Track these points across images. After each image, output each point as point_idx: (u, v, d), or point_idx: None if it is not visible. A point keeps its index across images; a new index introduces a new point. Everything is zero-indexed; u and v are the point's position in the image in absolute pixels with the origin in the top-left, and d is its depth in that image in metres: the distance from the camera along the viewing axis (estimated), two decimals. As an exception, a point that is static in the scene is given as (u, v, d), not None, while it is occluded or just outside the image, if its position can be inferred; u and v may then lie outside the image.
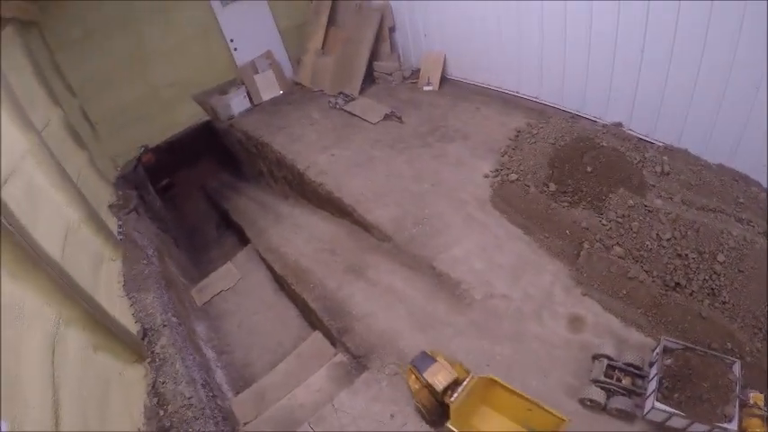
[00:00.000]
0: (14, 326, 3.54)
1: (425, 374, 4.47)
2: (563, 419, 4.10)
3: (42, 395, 3.35)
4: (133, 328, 5.41)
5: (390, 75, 10.78)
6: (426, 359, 4.60)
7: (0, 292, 3.36)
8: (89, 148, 8.90)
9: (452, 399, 4.32)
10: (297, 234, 8.14)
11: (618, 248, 5.41)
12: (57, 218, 5.54)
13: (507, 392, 4.42)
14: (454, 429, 4.23)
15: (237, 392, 6.29)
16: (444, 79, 10.01)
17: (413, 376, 4.67)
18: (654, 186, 5.93)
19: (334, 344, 6.15)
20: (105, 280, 5.85)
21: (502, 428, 4.50)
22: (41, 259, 4.13)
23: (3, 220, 3.79)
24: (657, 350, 4.39)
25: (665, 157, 6.24)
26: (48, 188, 5.76)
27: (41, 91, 7.81)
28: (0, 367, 2.92)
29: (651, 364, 4.44)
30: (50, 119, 7.45)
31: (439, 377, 4.42)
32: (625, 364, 4.51)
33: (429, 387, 4.49)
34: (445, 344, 5.13)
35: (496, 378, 4.46)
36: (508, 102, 8.55)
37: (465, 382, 4.42)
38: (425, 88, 10.00)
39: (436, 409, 4.56)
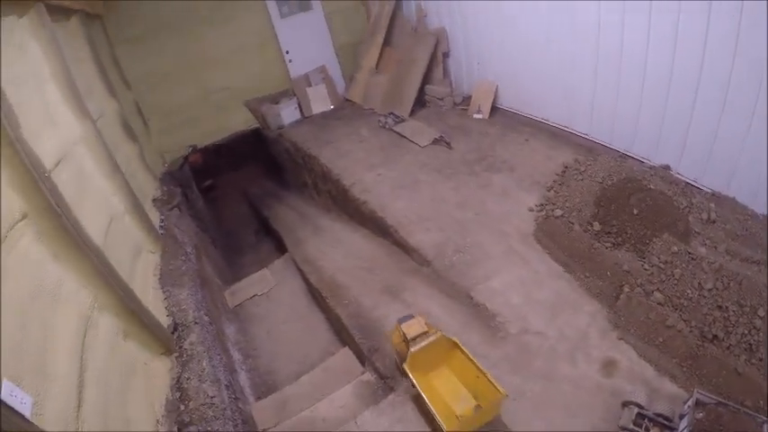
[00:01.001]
0: (51, 304, 3.61)
1: (403, 326, 5.12)
2: (501, 393, 4.41)
3: (69, 375, 3.40)
4: (164, 321, 5.48)
5: (441, 99, 10.81)
6: (410, 317, 5.24)
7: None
8: (140, 141, 9.09)
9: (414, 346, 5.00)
10: (336, 249, 8.18)
11: (658, 294, 5.31)
12: (102, 205, 5.68)
13: (463, 356, 4.87)
14: (408, 372, 4.80)
15: (259, 398, 6.30)
16: (494, 108, 9.99)
17: (397, 332, 5.21)
18: (699, 234, 5.83)
19: (362, 362, 6.13)
20: (142, 271, 5.95)
21: (450, 386, 5.00)
22: (84, 243, 4.22)
23: (52, 202, 3.89)
24: (689, 403, 4.27)
25: (712, 204, 6.14)
26: (97, 176, 5.92)
27: (99, 82, 8.06)
28: None
29: (681, 417, 4.31)
30: (106, 109, 7.69)
31: (411, 327, 5.07)
32: (655, 413, 4.39)
33: (405, 338, 4.98)
34: (476, 374, 5.09)
35: (457, 341, 4.96)
36: (557, 136, 8.49)
37: (429, 334, 5.04)
38: (475, 116, 9.99)
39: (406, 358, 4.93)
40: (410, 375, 4.79)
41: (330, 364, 6.40)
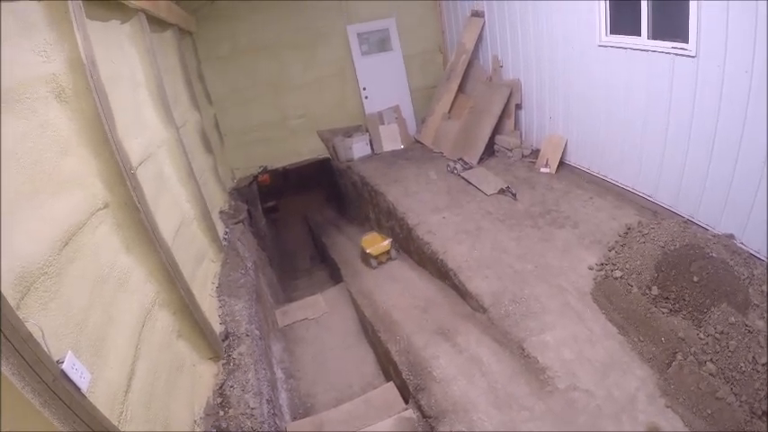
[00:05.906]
0: (116, 291, 3.79)
1: (364, 237, 9.51)
2: (388, 239, 9.20)
3: (123, 360, 3.54)
4: (217, 328, 5.66)
5: (510, 150, 10.85)
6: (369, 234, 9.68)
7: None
8: (214, 154, 9.49)
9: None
10: (392, 285, 8.25)
11: (711, 365, 5.16)
12: (175, 208, 5.97)
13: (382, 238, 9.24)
14: (363, 245, 9.27)
15: (295, 418, 6.33)
16: (562, 163, 9.97)
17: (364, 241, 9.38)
18: (758, 306, 5.63)
19: (405, 399, 6.10)
20: (202, 277, 6.18)
21: None
22: (156, 240, 4.43)
23: (134, 197, 4.09)
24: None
25: (773, 277, 5.95)
26: (174, 180, 6.23)
27: (185, 93, 8.53)
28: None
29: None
30: (188, 119, 8.09)
31: (368, 234, 9.73)
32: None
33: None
34: (517, 426, 5.04)
35: (380, 235, 9.56)
36: (622, 196, 8.41)
37: (371, 233, 9.71)
38: (542, 170, 9.98)
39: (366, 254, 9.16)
40: (362, 244, 9.31)
41: (372, 397, 6.36)
